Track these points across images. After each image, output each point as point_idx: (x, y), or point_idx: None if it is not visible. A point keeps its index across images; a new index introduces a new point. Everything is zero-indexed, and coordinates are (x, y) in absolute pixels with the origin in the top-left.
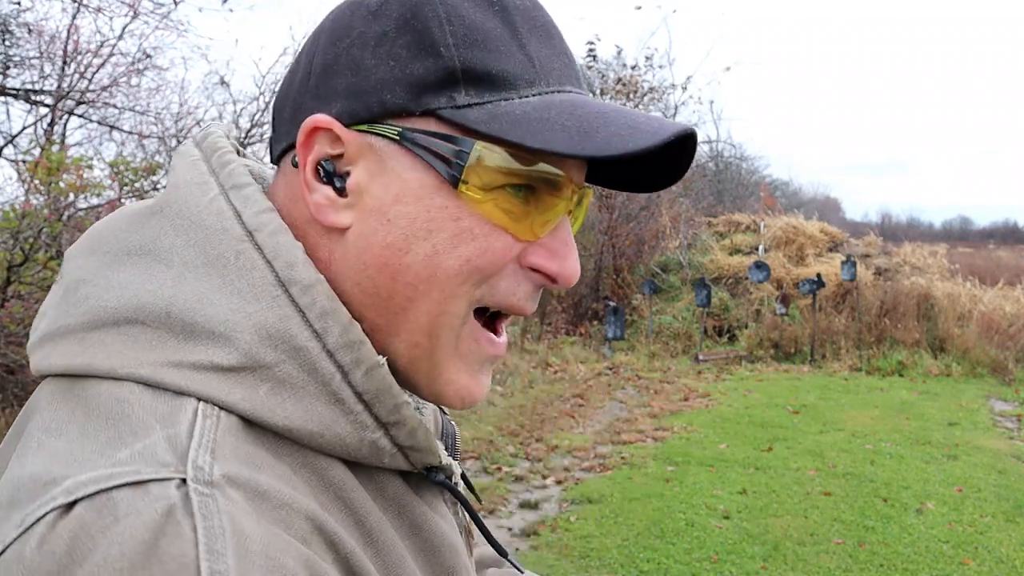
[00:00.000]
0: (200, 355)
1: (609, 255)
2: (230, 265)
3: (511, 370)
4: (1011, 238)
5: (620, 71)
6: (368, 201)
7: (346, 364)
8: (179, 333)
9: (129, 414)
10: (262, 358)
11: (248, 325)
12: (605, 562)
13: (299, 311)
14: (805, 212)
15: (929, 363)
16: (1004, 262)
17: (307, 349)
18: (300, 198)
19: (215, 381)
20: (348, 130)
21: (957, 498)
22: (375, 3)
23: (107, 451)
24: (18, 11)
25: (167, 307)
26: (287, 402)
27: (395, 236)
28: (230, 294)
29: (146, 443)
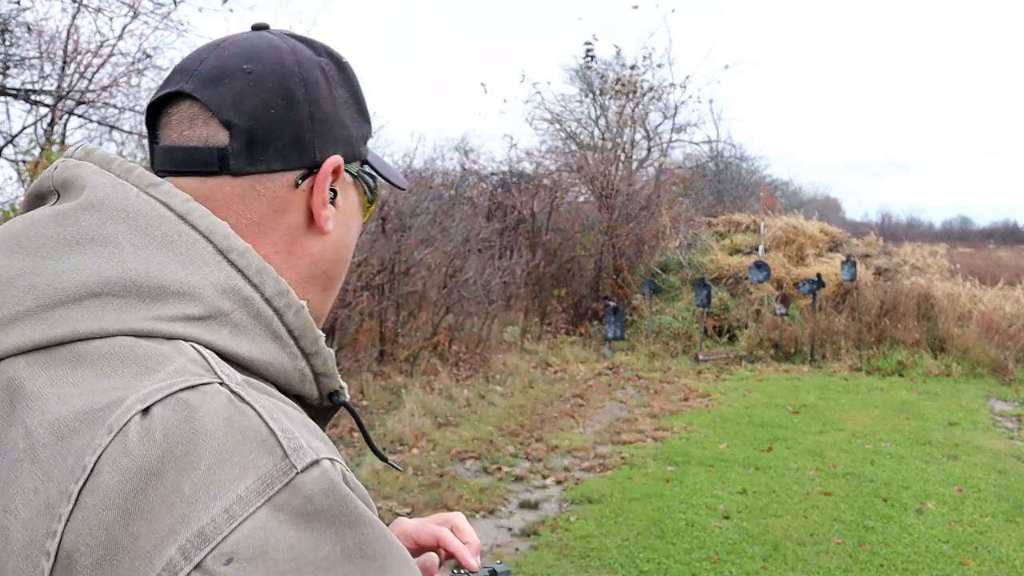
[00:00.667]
0: (174, 310)
1: (609, 255)
2: (175, 242)
3: (511, 370)
4: (1011, 238)
5: (619, 71)
6: (340, 216)
7: (280, 307)
8: (147, 296)
9: (141, 353)
10: (222, 307)
11: (206, 283)
12: (605, 562)
13: (239, 271)
14: (805, 212)
15: (929, 363)
16: (1004, 262)
17: (252, 298)
18: (291, 210)
19: (192, 328)
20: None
21: (957, 498)
22: (329, 70)
23: (144, 375)
24: (18, 11)
25: (133, 277)
26: (244, 340)
27: (348, 239)
28: (183, 263)
29: (175, 365)
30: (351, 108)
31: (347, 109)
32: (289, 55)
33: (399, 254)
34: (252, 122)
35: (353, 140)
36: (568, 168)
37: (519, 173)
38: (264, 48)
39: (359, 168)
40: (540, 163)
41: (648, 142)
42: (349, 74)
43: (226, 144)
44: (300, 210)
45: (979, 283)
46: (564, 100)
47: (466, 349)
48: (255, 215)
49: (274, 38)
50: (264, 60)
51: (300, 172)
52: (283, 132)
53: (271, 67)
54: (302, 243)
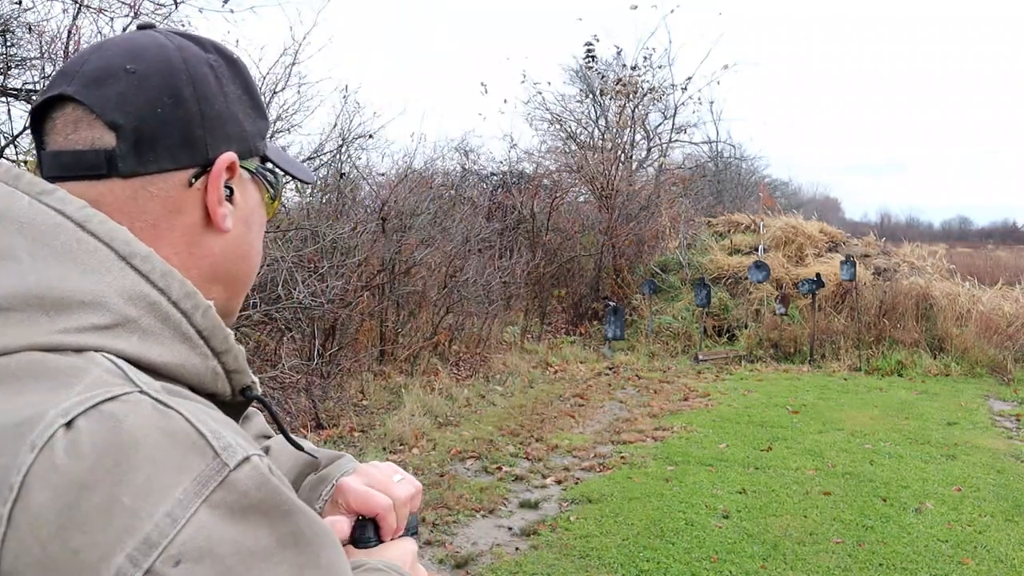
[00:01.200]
0: (79, 321)
1: (609, 255)
2: (75, 250)
3: (511, 370)
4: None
5: (620, 71)
6: (239, 213)
7: (188, 309)
8: (50, 309)
9: (53, 367)
10: (129, 314)
11: (111, 291)
12: (605, 562)
13: (143, 276)
14: (804, 212)
15: (928, 363)
16: (1003, 262)
17: (159, 303)
18: (186, 210)
19: (100, 337)
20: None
21: (956, 497)
22: (219, 66)
23: (60, 390)
24: (19, 11)
25: (35, 290)
26: (154, 345)
27: (251, 236)
28: (85, 272)
29: (91, 377)
30: (244, 104)
31: (240, 105)
32: (175, 52)
33: (399, 254)
34: (138, 122)
35: (248, 136)
36: (568, 168)
37: (519, 173)
38: (148, 46)
39: (257, 164)
40: (540, 163)
41: (648, 142)
42: (240, 70)
43: (113, 146)
44: (196, 209)
45: (978, 283)
46: (564, 100)
47: (466, 349)
48: (150, 217)
49: (159, 36)
50: (149, 59)
51: (193, 171)
52: (171, 130)
53: (156, 65)
54: (202, 243)
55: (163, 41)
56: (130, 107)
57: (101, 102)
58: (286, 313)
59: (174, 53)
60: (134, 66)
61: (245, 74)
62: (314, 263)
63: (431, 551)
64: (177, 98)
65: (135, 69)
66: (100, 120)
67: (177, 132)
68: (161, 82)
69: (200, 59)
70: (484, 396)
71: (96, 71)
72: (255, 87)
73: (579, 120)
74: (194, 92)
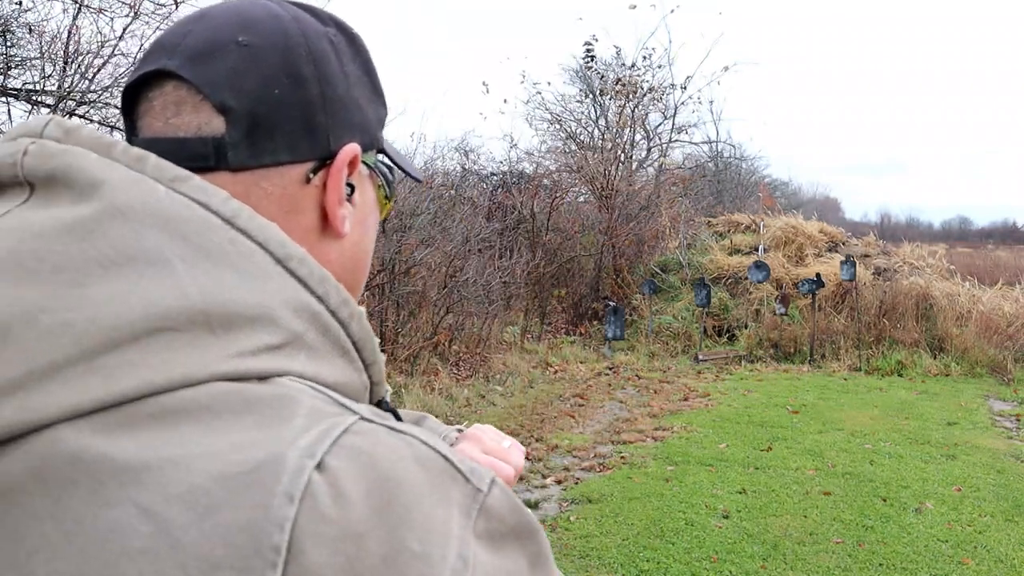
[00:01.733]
0: (251, 341)
1: (609, 255)
2: (231, 253)
3: (511, 370)
4: (1010, 238)
5: (620, 71)
6: (356, 215)
7: (344, 318)
8: (217, 328)
9: (252, 399)
10: (296, 329)
11: (277, 303)
12: (605, 561)
13: (301, 282)
14: (804, 212)
15: (928, 363)
16: (1003, 262)
17: (320, 313)
18: (302, 210)
19: (274, 360)
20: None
21: (956, 497)
22: (339, 42)
23: (276, 425)
24: (19, 11)
25: (198, 304)
26: (321, 363)
27: (366, 241)
28: (246, 279)
29: (306, 408)
30: (365, 87)
31: (361, 88)
32: (292, 24)
33: (399, 254)
34: (253, 105)
35: (370, 125)
36: (568, 168)
37: (519, 173)
38: (261, 17)
39: (375, 158)
40: (540, 163)
41: (648, 142)
42: (360, 47)
43: (223, 133)
44: (313, 209)
45: (978, 283)
46: (564, 100)
47: (466, 349)
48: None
49: (272, 5)
50: (263, 30)
51: (311, 164)
52: (291, 116)
53: (272, 38)
54: (318, 249)
55: (277, 10)
56: (243, 86)
57: (209, 79)
58: None
59: (291, 24)
60: (246, 38)
61: (366, 53)
62: None
63: None
64: (297, 77)
65: (248, 42)
66: (208, 101)
67: (297, 118)
68: (279, 58)
69: (319, 33)
70: (484, 396)
71: (202, 44)
72: (375, 68)
73: (579, 120)
74: (315, 71)
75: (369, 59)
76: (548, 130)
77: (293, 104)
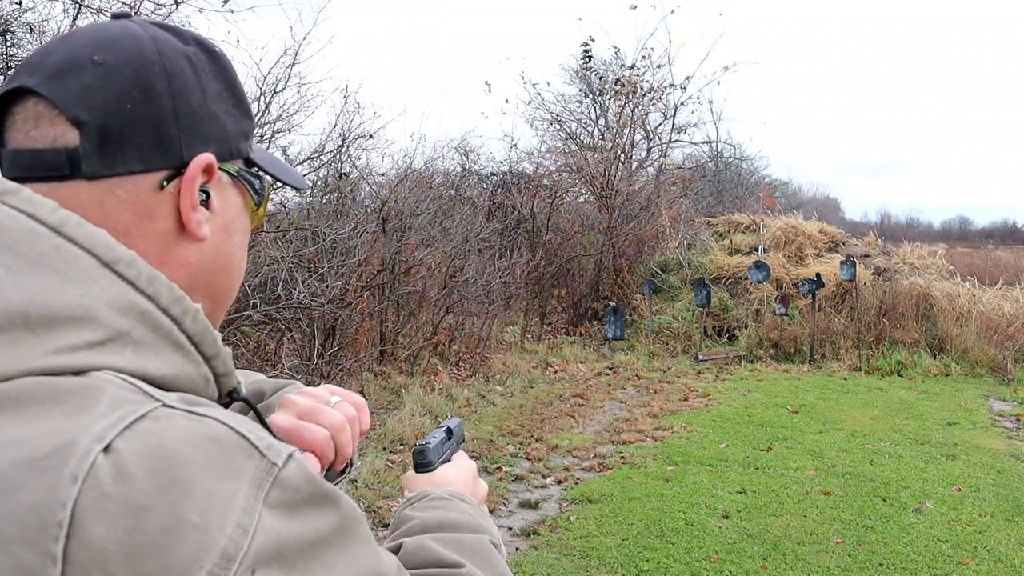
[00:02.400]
0: (70, 339)
1: (609, 255)
2: (55, 260)
3: (511, 370)
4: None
5: (619, 72)
6: (217, 220)
7: (177, 315)
8: (36, 327)
9: (62, 390)
10: (120, 327)
11: (100, 303)
12: (605, 562)
13: (130, 283)
14: (804, 212)
15: (928, 363)
16: (1003, 262)
17: (149, 311)
18: (157, 216)
19: (94, 355)
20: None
21: (956, 497)
22: (199, 60)
23: (79, 414)
24: (19, 11)
25: (17, 307)
26: (150, 357)
27: (231, 246)
28: (69, 283)
29: (109, 397)
30: (226, 102)
31: (221, 103)
32: (149, 43)
33: (399, 254)
34: (104, 118)
35: (229, 136)
36: (568, 168)
37: (519, 173)
38: (120, 36)
39: (240, 168)
40: (540, 163)
41: (648, 142)
42: (223, 65)
43: (76, 144)
44: (169, 215)
45: (978, 283)
46: (564, 100)
47: (466, 349)
48: (119, 223)
49: (133, 26)
50: (119, 49)
51: (165, 173)
52: (142, 128)
53: (127, 57)
54: (176, 251)
55: (137, 31)
56: (96, 101)
57: (64, 95)
58: (286, 313)
59: (148, 44)
60: (102, 57)
61: (228, 70)
62: (314, 263)
63: None
64: (149, 93)
65: (103, 60)
66: (63, 115)
67: (148, 130)
68: (132, 75)
69: (177, 51)
70: (484, 396)
71: (60, 62)
72: (239, 84)
73: (579, 120)
74: (168, 87)
75: (232, 75)
76: (548, 130)
77: (144, 117)
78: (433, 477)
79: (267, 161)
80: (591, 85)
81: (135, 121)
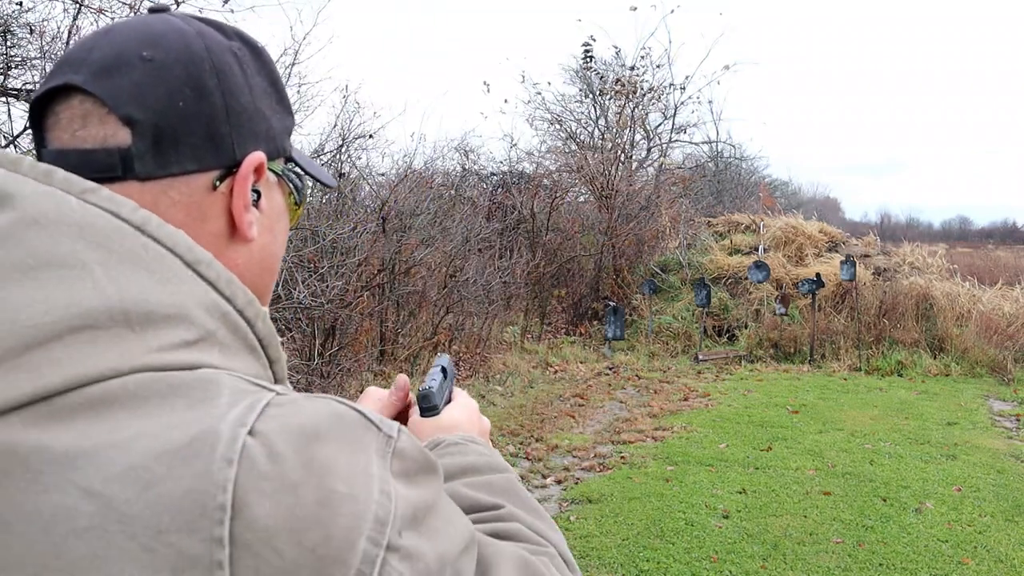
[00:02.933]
0: (169, 337)
1: (609, 255)
2: (144, 258)
3: (511, 370)
4: (1010, 238)
5: (619, 72)
6: (264, 220)
7: (251, 318)
8: (136, 325)
9: (178, 385)
10: (209, 327)
11: (191, 303)
12: (605, 561)
13: (211, 284)
14: (804, 212)
15: (928, 363)
16: (1003, 262)
17: (229, 312)
18: (210, 216)
19: (191, 355)
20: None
21: (956, 497)
22: (243, 55)
23: (206, 405)
24: (19, 11)
25: (119, 304)
26: (233, 358)
27: (275, 246)
28: (160, 281)
29: (229, 388)
30: (270, 98)
31: (266, 99)
32: (196, 39)
33: (399, 254)
34: (157, 117)
35: (275, 134)
36: (568, 168)
37: (519, 173)
38: (166, 32)
39: (283, 166)
40: (540, 163)
41: (648, 142)
42: (266, 60)
43: (129, 144)
44: (220, 216)
45: (978, 283)
46: (564, 100)
47: (466, 349)
48: (174, 226)
49: (176, 20)
50: (167, 45)
51: (217, 172)
52: (195, 127)
53: (176, 53)
54: (227, 254)
55: (182, 26)
56: (148, 99)
57: (114, 93)
58: (286, 313)
59: (195, 39)
60: (151, 53)
61: (271, 65)
62: (314, 263)
63: None
64: (200, 90)
65: (152, 56)
66: (113, 114)
67: (201, 129)
68: (182, 72)
69: (223, 47)
70: (484, 396)
71: (107, 58)
72: (281, 80)
73: (579, 120)
74: (219, 84)
75: (274, 71)
76: (548, 130)
77: (197, 115)
78: (440, 421)
79: (303, 159)
80: (591, 85)
81: (188, 119)
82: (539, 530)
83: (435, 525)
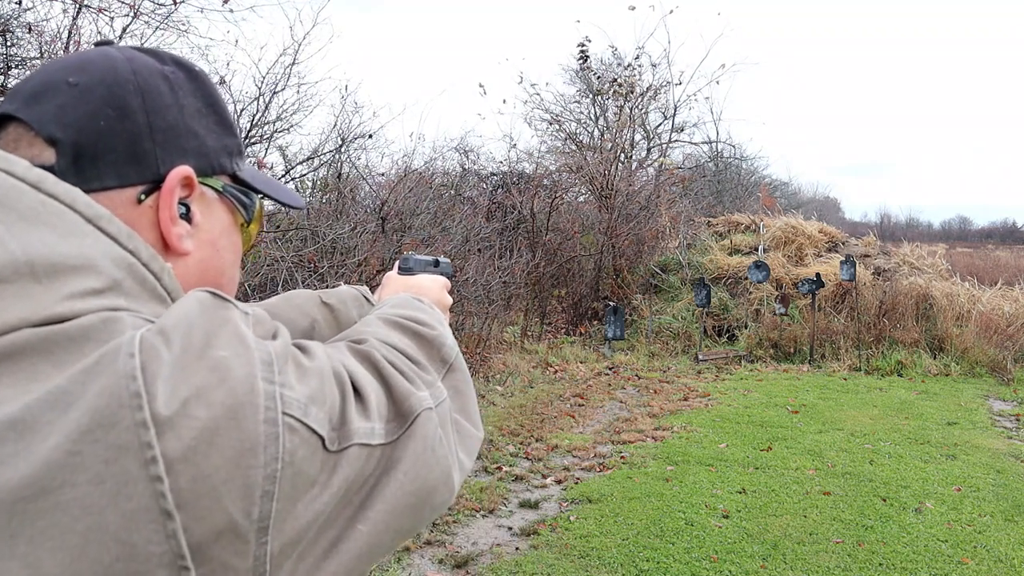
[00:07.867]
0: (76, 286)
1: (609, 255)
2: (44, 214)
3: (511, 370)
4: (1009, 238)
5: (617, 72)
6: (202, 235)
7: (156, 271)
8: (42, 277)
9: (88, 327)
10: (116, 276)
11: (97, 254)
12: (605, 561)
13: (112, 238)
14: (804, 212)
15: (928, 363)
16: (1003, 262)
17: (135, 264)
18: (141, 229)
19: (98, 302)
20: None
21: (956, 497)
22: (176, 78)
23: (112, 340)
24: (19, 11)
25: (24, 258)
26: (140, 306)
27: (220, 261)
28: (63, 235)
29: (131, 324)
30: (206, 118)
31: (200, 119)
32: (123, 64)
33: (399, 254)
34: (78, 136)
35: (210, 152)
36: (568, 168)
37: (519, 173)
38: (94, 59)
39: (225, 184)
40: (540, 163)
41: (648, 142)
42: (203, 82)
43: (52, 163)
44: (150, 229)
45: (978, 283)
46: (563, 100)
47: (466, 349)
48: None
49: (111, 50)
50: (92, 71)
51: (142, 187)
52: (115, 144)
53: (100, 77)
54: None
55: (112, 53)
56: (69, 120)
57: (40, 117)
58: None
59: (122, 64)
60: (76, 78)
61: (209, 88)
62: (314, 263)
63: (431, 551)
64: (122, 110)
65: (77, 81)
66: (39, 136)
67: (122, 145)
68: (105, 93)
69: (153, 70)
70: (484, 396)
71: (37, 86)
72: (221, 102)
73: (578, 120)
74: (143, 103)
75: (212, 93)
76: (548, 130)
77: (118, 133)
78: (409, 280)
79: (257, 179)
80: (590, 85)
81: (108, 137)
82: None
83: (303, 360)
